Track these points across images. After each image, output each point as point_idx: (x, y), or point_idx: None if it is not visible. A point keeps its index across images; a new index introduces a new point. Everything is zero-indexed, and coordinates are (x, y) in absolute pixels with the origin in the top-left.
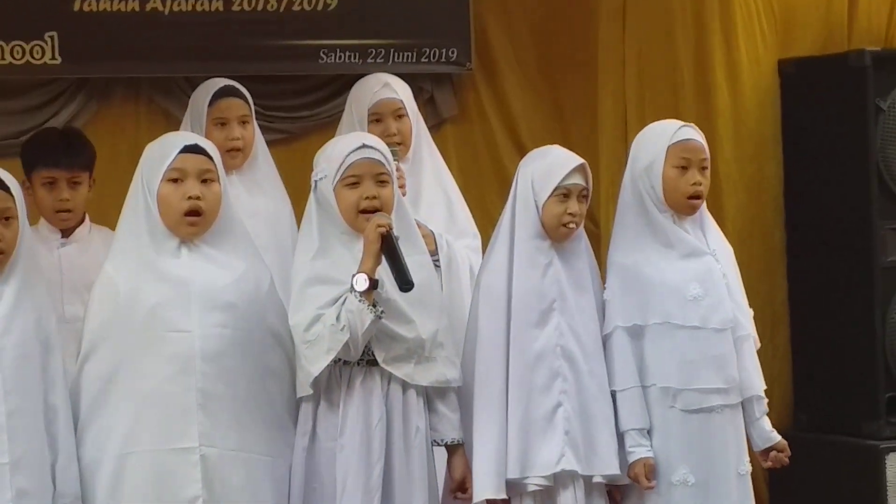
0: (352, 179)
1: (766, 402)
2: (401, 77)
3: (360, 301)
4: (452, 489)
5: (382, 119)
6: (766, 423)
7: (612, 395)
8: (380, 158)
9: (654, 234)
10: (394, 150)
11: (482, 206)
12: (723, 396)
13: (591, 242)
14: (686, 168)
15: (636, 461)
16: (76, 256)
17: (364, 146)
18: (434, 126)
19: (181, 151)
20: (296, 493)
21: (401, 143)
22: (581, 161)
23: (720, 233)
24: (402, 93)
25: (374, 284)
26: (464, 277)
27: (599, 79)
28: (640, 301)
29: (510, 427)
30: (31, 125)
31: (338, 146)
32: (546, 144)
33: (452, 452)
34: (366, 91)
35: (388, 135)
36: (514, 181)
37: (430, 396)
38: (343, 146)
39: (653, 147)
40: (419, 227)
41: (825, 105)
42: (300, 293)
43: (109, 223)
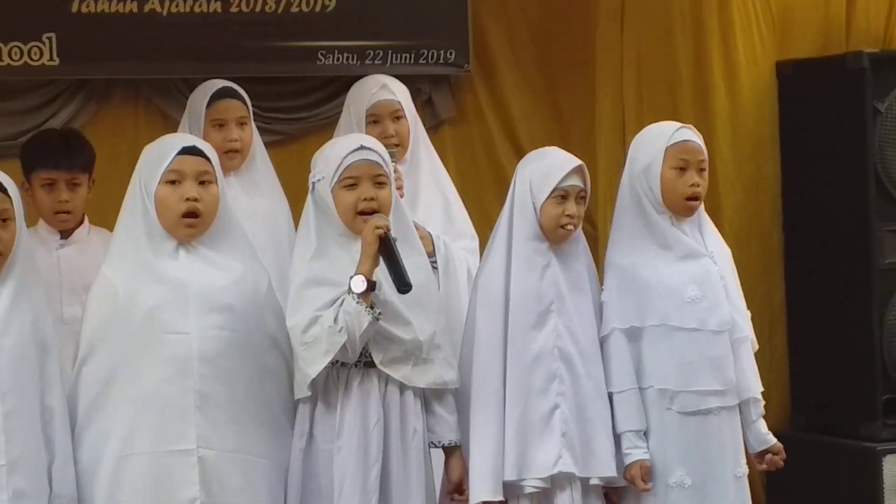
0: (349, 181)
1: (763, 405)
2: (399, 78)
3: (358, 303)
4: (449, 491)
5: (380, 120)
6: (763, 426)
7: (609, 397)
8: (378, 160)
9: (652, 236)
10: (391, 152)
11: (480, 208)
12: (720, 398)
13: (589, 244)
14: (684, 169)
15: (632, 463)
16: (75, 258)
17: (362, 147)
18: (432, 127)
19: (179, 153)
20: (293, 495)
21: (398, 145)
22: (579, 163)
23: (718, 234)
24: (400, 94)
25: (372, 286)
26: (461, 279)
27: (598, 80)
28: (638, 303)
29: (507, 429)
30: (30, 126)
31: (335, 147)
32: (544, 146)
33: (450, 454)
34: (364, 92)
35: (386, 136)
36: (512, 183)
37: (428, 398)
38: (341, 147)
39: (651, 148)
40: (417, 229)
41: (823, 106)
42: (298, 295)
43: (108, 224)
